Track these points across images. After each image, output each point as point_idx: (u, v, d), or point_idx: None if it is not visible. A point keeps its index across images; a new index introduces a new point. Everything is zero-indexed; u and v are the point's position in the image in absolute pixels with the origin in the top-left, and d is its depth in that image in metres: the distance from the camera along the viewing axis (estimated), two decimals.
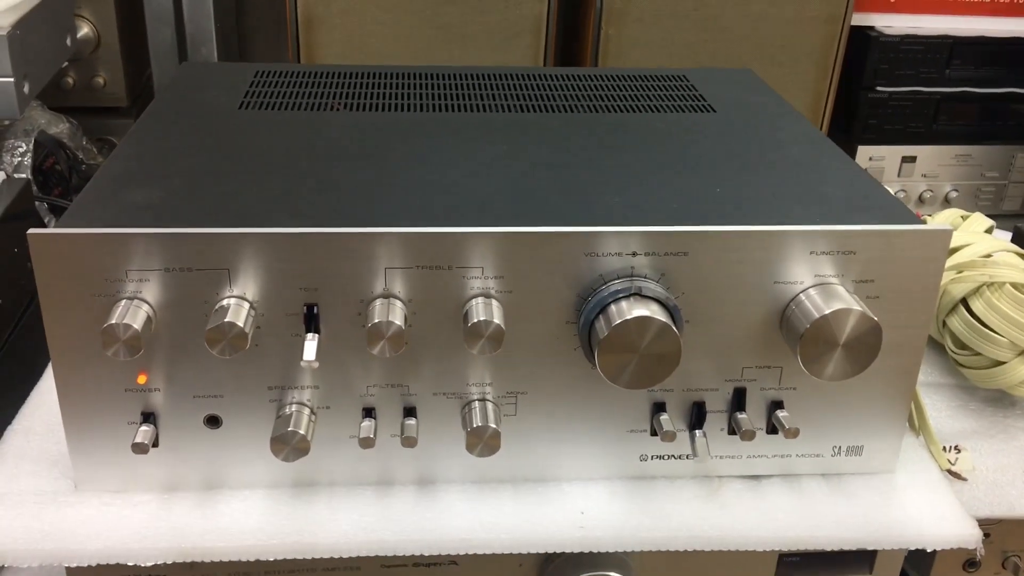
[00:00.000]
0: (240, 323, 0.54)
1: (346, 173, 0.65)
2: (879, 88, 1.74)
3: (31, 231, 0.54)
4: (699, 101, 0.82)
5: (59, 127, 1.29)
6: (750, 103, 0.83)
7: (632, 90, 0.85)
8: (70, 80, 1.44)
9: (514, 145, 0.71)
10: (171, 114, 0.75)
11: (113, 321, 0.53)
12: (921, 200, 1.79)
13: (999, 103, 1.77)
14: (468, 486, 0.63)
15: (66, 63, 1.33)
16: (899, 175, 1.81)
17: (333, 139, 0.71)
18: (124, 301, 0.55)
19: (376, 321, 0.55)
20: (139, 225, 0.55)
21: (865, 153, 1.74)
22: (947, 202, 1.83)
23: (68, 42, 1.25)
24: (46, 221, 1.13)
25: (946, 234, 0.58)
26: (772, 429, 0.63)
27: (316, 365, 0.56)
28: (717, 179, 0.66)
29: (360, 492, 0.62)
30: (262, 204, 0.60)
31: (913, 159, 1.81)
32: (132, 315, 0.54)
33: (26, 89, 1.04)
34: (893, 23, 1.69)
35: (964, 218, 0.86)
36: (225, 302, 0.55)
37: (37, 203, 1.06)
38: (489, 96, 0.81)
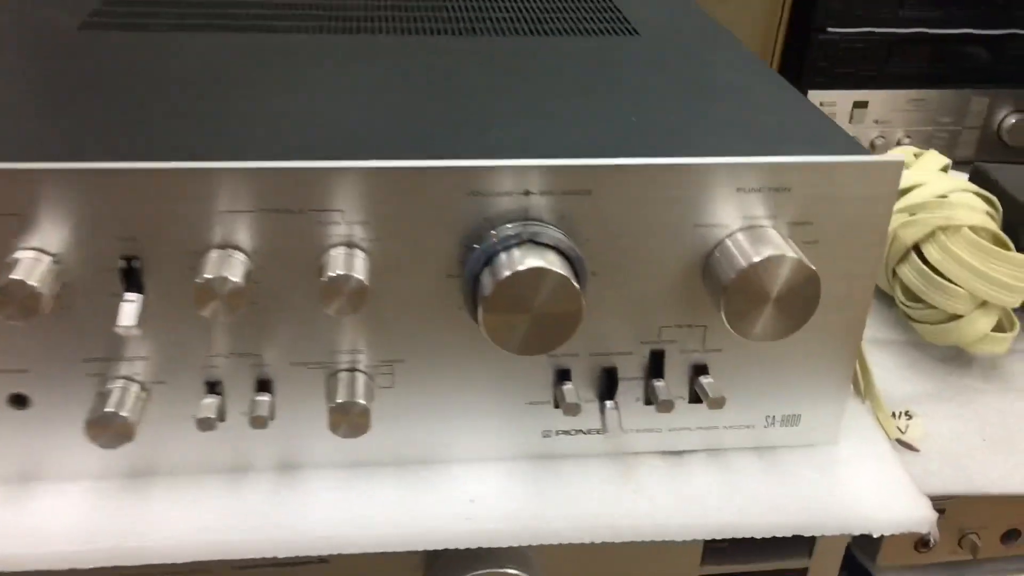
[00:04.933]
0: (33, 281, 0.43)
1: (188, 103, 0.54)
2: (830, 29, 1.66)
3: None
4: (621, 24, 0.72)
5: None
6: (680, 25, 0.73)
7: (543, 11, 0.74)
8: None
9: (394, 71, 0.60)
10: None
11: None
12: (873, 147, 1.72)
13: (954, 44, 1.70)
14: (337, 471, 0.53)
15: None
16: (851, 121, 1.74)
17: (183, 65, 0.60)
18: None
19: (207, 277, 0.44)
20: None
21: (815, 98, 1.67)
22: (899, 147, 1.76)
23: None
24: None
25: (896, 166, 0.49)
26: (695, 398, 0.54)
27: (136, 332, 0.45)
28: (635, 108, 0.56)
29: (205, 482, 0.52)
30: (73, 138, 0.49)
31: (865, 104, 1.73)
32: None
33: None
34: None
35: (917, 156, 0.77)
36: (17, 255, 0.45)
37: None
38: (371, 17, 0.70)
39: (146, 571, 0.51)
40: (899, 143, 1.76)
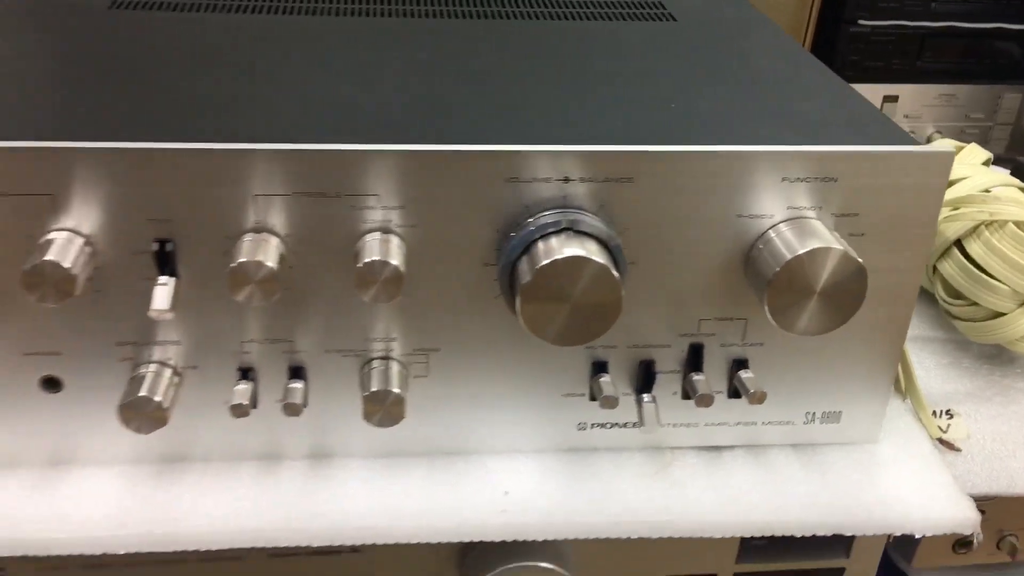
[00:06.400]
0: (66, 263, 0.43)
1: (221, 84, 0.53)
2: (861, 22, 1.63)
3: None
4: (658, 8, 0.71)
5: None
6: (718, 12, 0.72)
7: None
8: None
9: (432, 55, 0.60)
10: (28, 11, 0.63)
11: None
12: None
13: (986, 39, 1.67)
14: (370, 462, 0.53)
15: None
16: None
17: (212, 44, 0.59)
18: None
19: (242, 260, 0.44)
20: None
21: None
22: (929, 144, 1.73)
23: None
24: None
25: (947, 156, 0.48)
26: (734, 393, 0.53)
27: (169, 316, 0.45)
28: (674, 95, 0.55)
29: (238, 469, 0.51)
30: (106, 116, 0.48)
31: (895, 98, 1.71)
32: None
33: None
34: None
35: (958, 150, 0.76)
36: (51, 236, 0.44)
37: None
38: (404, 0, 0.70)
39: (178, 557, 0.51)
40: (929, 139, 1.74)
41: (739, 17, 0.72)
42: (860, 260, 0.46)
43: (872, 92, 1.69)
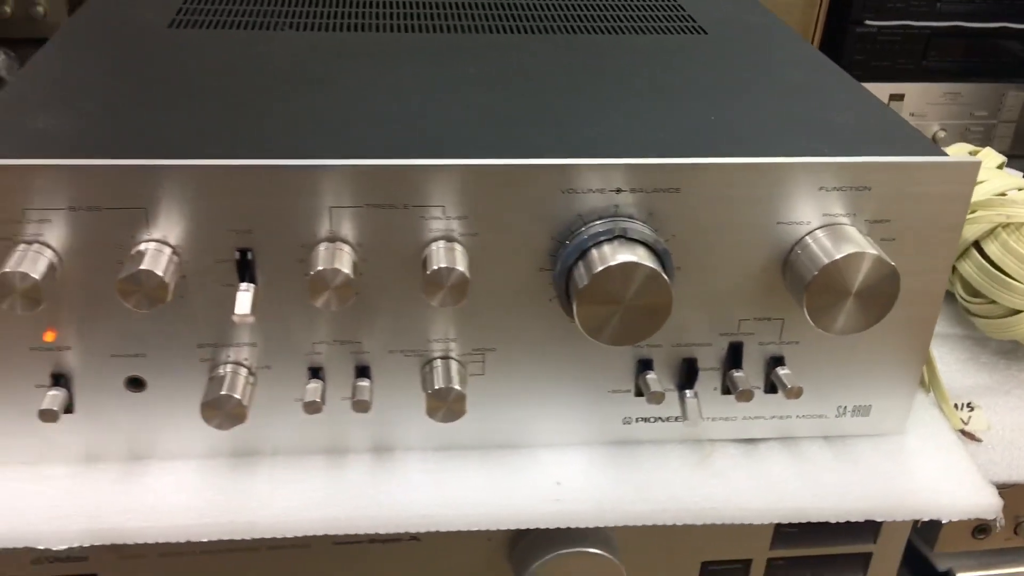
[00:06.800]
0: (159, 272, 0.46)
1: (289, 100, 0.56)
2: (867, 22, 1.66)
3: None
4: (688, 21, 0.74)
5: None
6: (745, 23, 0.75)
7: (615, 9, 0.76)
8: (8, 9, 1.34)
9: (483, 70, 0.63)
10: (91, 31, 0.66)
11: (7, 269, 0.45)
12: None
13: (990, 38, 1.70)
14: (430, 454, 0.56)
15: None
16: None
17: (276, 62, 0.62)
18: (22, 246, 0.47)
19: (320, 269, 0.47)
20: (40, 156, 0.46)
21: None
22: (934, 142, 1.76)
23: None
24: None
25: (973, 166, 0.51)
26: (771, 388, 0.56)
27: (251, 320, 0.48)
28: (711, 107, 0.58)
29: (307, 462, 0.55)
30: (189, 134, 0.51)
31: (901, 97, 1.74)
32: (31, 262, 0.46)
33: None
34: None
35: (973, 154, 0.79)
36: (142, 247, 0.47)
37: None
38: (454, 15, 0.73)
39: (250, 545, 0.54)
40: (934, 137, 1.77)
41: (764, 27, 0.75)
42: (893, 263, 0.49)
43: (878, 91, 1.71)
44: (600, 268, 0.48)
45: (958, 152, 0.79)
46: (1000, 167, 0.77)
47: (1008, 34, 1.71)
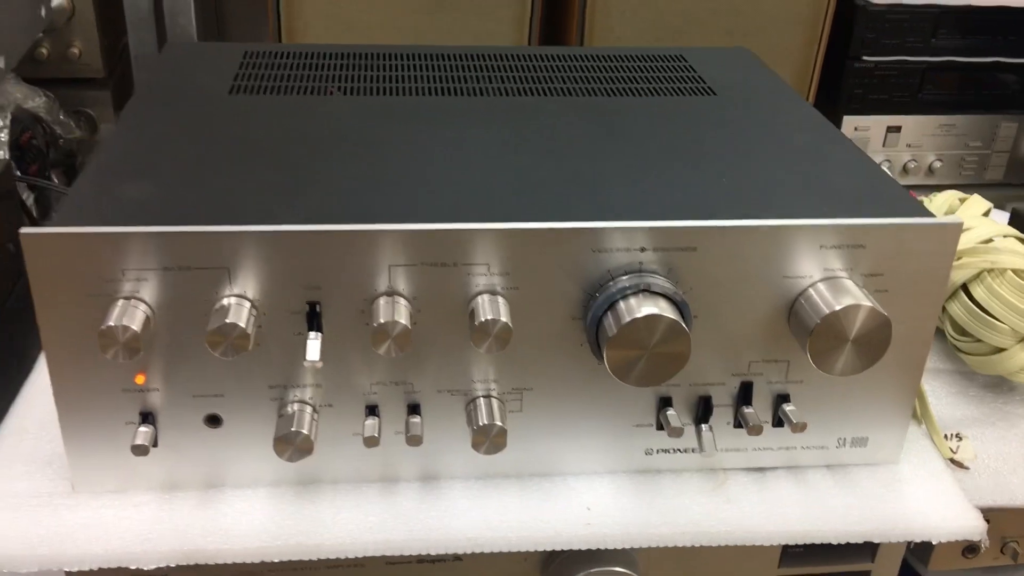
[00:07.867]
0: (242, 324, 0.53)
1: (344, 164, 0.63)
2: (865, 58, 1.73)
3: (24, 230, 0.52)
4: (698, 83, 0.81)
5: (35, 101, 1.26)
6: (749, 85, 0.82)
7: (630, 71, 0.83)
8: (44, 51, 1.39)
9: (514, 132, 0.70)
10: (159, 100, 0.73)
11: (111, 323, 0.52)
12: (905, 170, 1.79)
13: (984, 72, 1.77)
14: (472, 482, 0.62)
15: (40, 34, 1.30)
16: (884, 145, 1.81)
17: (327, 126, 0.69)
18: (121, 301, 0.53)
19: (382, 321, 0.54)
20: (135, 223, 0.53)
21: (850, 123, 1.74)
22: (931, 172, 1.84)
23: (42, 12, 1.21)
24: (24, 198, 1.11)
25: (956, 228, 0.58)
26: (778, 422, 0.63)
27: (320, 365, 0.55)
28: (722, 169, 0.65)
29: (364, 490, 0.61)
30: (261, 199, 0.58)
31: (898, 129, 1.80)
32: (130, 316, 0.52)
33: (1, 63, 1.01)
34: None
35: (962, 200, 0.86)
36: (225, 301, 0.54)
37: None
38: (485, 79, 0.80)
39: (309, 565, 0.61)
40: (930, 167, 1.83)
41: (767, 87, 0.82)
42: (886, 313, 0.56)
43: (876, 123, 1.78)
44: (628, 320, 0.54)
45: (947, 199, 0.86)
46: (986, 214, 0.84)
47: (1001, 68, 1.78)
